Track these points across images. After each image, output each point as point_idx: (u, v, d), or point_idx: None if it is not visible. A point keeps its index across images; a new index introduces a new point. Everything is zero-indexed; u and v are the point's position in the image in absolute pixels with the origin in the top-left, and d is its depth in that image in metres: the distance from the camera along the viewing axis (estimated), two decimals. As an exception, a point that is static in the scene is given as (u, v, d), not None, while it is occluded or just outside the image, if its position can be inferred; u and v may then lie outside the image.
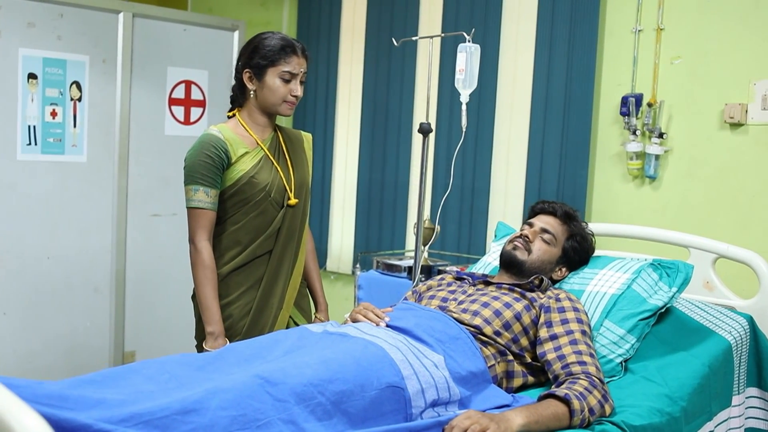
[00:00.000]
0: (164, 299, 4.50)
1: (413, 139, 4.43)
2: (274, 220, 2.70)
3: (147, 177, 4.40)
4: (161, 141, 4.43)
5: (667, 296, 2.44)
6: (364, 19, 4.67)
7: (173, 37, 4.44)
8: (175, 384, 1.76)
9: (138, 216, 4.37)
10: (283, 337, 2.09)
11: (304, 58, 2.68)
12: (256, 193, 2.65)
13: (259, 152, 2.70)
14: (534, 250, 2.53)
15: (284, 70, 2.63)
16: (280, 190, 2.70)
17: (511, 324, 2.29)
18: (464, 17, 4.18)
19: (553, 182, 3.84)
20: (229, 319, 2.71)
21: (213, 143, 2.62)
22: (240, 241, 2.70)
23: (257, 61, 2.65)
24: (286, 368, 1.78)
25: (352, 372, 1.85)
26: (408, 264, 3.76)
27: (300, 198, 2.75)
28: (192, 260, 2.66)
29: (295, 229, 2.77)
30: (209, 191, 2.61)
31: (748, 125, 3.34)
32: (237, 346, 2.03)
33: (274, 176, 2.69)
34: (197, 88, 4.55)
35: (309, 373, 1.79)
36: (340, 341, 2.03)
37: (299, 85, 2.67)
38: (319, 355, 1.89)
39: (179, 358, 1.90)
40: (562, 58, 3.82)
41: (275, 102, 2.66)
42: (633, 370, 2.33)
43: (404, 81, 4.47)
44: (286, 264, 2.76)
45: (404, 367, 1.94)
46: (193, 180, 2.62)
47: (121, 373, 1.76)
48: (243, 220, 2.68)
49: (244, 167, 2.65)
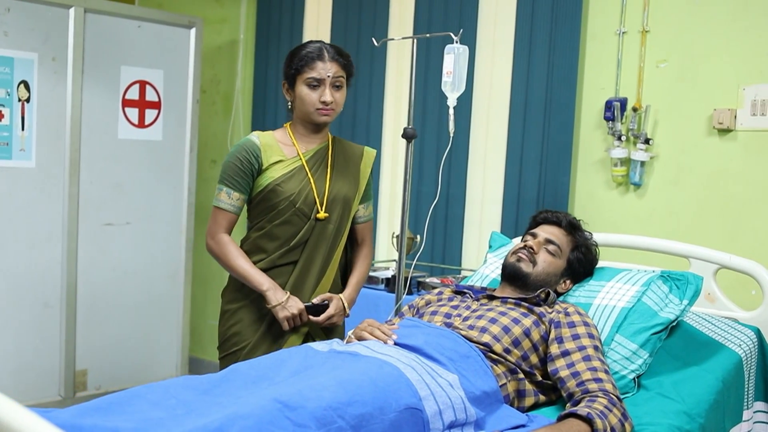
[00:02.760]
0: (118, 315, 4.40)
1: (384, 144, 4.40)
2: (301, 231, 2.74)
3: (99, 184, 4.29)
4: (114, 145, 4.34)
5: (679, 309, 2.45)
6: (329, 18, 4.62)
7: (127, 35, 4.34)
8: (184, 410, 1.72)
9: (90, 226, 4.27)
10: (288, 357, 2.05)
11: (335, 63, 2.71)
12: (280, 201, 2.71)
13: (296, 162, 2.76)
14: (539, 261, 2.51)
15: (309, 76, 2.68)
16: (309, 202, 2.74)
17: (520, 341, 2.28)
18: (437, 17, 4.16)
19: (533, 189, 3.84)
20: (239, 323, 2.78)
21: (247, 147, 2.72)
22: (263, 248, 2.76)
23: (289, 72, 2.75)
24: (303, 391, 1.75)
25: (370, 394, 1.82)
26: (386, 275, 3.72)
27: (333, 212, 2.77)
28: (214, 252, 2.76)
29: (324, 244, 2.78)
30: (232, 193, 2.71)
31: (737, 131, 3.38)
32: (240, 367, 1.99)
33: (303, 187, 2.74)
34: (152, 89, 4.46)
35: (327, 396, 1.75)
36: (351, 361, 2.00)
37: (330, 90, 2.69)
38: (334, 376, 1.86)
39: (183, 382, 1.86)
40: (543, 61, 3.82)
41: (307, 110, 2.72)
42: (646, 387, 2.33)
43: (373, 84, 4.43)
44: (311, 278, 2.79)
45: (421, 388, 1.92)
46: (221, 179, 2.74)
47: (125, 399, 1.71)
48: (267, 228, 2.75)
49: (273, 175, 2.72)
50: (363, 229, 2.96)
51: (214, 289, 5.21)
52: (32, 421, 1.22)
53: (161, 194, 4.54)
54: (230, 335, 2.80)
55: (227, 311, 2.83)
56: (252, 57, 5.04)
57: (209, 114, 5.19)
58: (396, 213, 4.34)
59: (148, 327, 4.56)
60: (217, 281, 5.13)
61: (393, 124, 4.38)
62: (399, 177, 4.34)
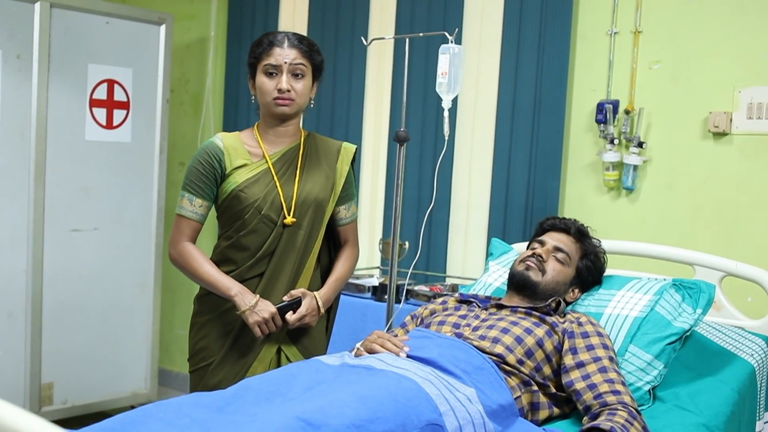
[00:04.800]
0: (86, 325, 4.32)
1: (364, 146, 4.36)
2: (268, 240, 2.62)
3: (66, 187, 4.20)
4: (82, 147, 4.25)
5: (693, 318, 2.45)
6: (306, 14, 4.57)
7: (95, 31, 4.26)
8: (199, 429, 1.69)
9: (56, 232, 4.17)
10: (297, 371, 2.03)
11: (295, 49, 2.60)
12: (245, 208, 2.60)
13: (261, 165, 2.64)
14: (548, 270, 2.50)
15: (266, 63, 2.59)
16: (275, 207, 2.62)
17: (533, 351, 2.26)
18: (421, 14, 4.13)
19: (522, 194, 3.83)
20: (205, 339, 2.68)
21: (209, 151, 2.62)
22: (232, 259, 2.65)
23: (250, 62, 2.67)
24: (325, 408, 1.72)
25: (392, 410, 1.80)
26: (372, 284, 3.69)
27: (303, 217, 2.64)
28: (177, 262, 2.65)
29: (294, 252, 2.65)
30: (194, 200, 2.60)
31: (733, 135, 3.40)
32: (251, 383, 1.95)
33: (269, 191, 2.61)
34: (120, 88, 4.38)
35: (349, 413, 1.73)
36: (367, 375, 1.97)
37: (288, 77, 2.58)
38: (353, 392, 1.84)
39: (195, 399, 1.81)
40: (531, 62, 3.81)
41: (265, 101, 2.61)
42: (662, 398, 2.33)
43: (352, 86, 4.39)
44: (278, 290, 2.64)
45: (440, 403, 1.91)
46: (183, 185, 2.63)
47: (137, 419, 1.67)
48: (234, 237, 2.64)
49: (237, 180, 2.61)
50: (346, 231, 2.82)
51: (182, 298, 5.13)
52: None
53: (130, 198, 4.46)
54: (198, 349, 2.70)
55: (196, 323, 2.72)
56: (223, 55, 4.98)
57: (177, 114, 5.11)
58: (377, 218, 4.31)
59: (117, 338, 4.47)
60: (185, 289, 5.05)
61: (374, 126, 4.34)
62: (380, 180, 4.30)
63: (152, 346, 4.62)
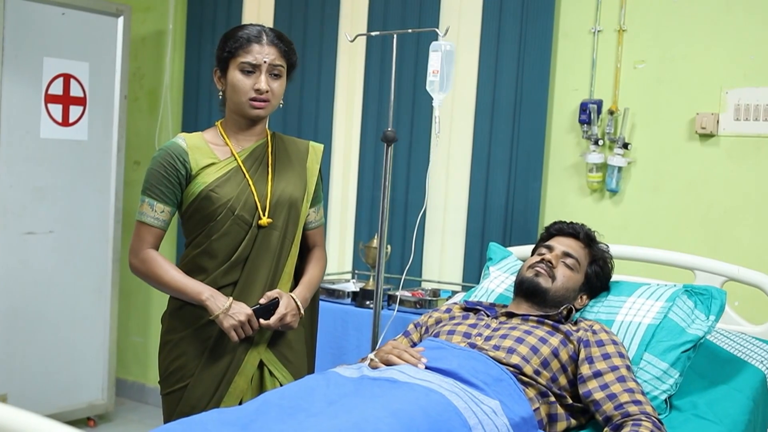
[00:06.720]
0: (41, 334, 4.20)
1: (334, 146, 4.29)
2: (242, 243, 2.51)
3: (20, 188, 4.09)
4: (36, 145, 4.14)
5: (706, 325, 2.45)
6: (271, 9, 4.49)
7: (50, 23, 4.15)
8: None
9: (9, 234, 4.07)
10: (315, 384, 1.99)
11: (275, 48, 2.51)
12: (216, 209, 2.48)
13: (231, 163, 2.53)
14: (558, 276, 2.48)
15: (243, 60, 2.47)
16: (249, 207, 2.51)
17: (549, 361, 2.24)
18: (395, 9, 4.08)
19: (502, 195, 3.81)
20: (182, 357, 2.54)
21: (172, 152, 2.49)
22: (203, 267, 2.52)
23: (221, 55, 2.53)
24: (360, 424, 1.71)
25: (425, 425, 1.79)
26: (351, 289, 3.64)
27: (277, 217, 2.55)
28: (140, 271, 2.53)
29: (269, 255, 2.55)
30: (155, 205, 2.49)
31: (720, 136, 3.43)
32: (270, 398, 1.90)
33: (242, 191, 2.51)
34: (77, 83, 4.26)
35: (385, 429, 1.72)
36: (391, 388, 1.94)
37: (266, 77, 2.48)
38: (383, 406, 1.82)
39: (217, 417, 1.76)
40: (512, 59, 3.80)
41: (239, 100, 2.49)
42: (679, 407, 2.33)
43: (322, 84, 4.33)
44: (253, 296, 2.53)
45: (469, 416, 1.89)
46: (143, 189, 2.52)
47: (164, 440, 1.59)
48: (205, 243, 2.51)
49: (206, 179, 2.49)
50: (314, 235, 2.74)
51: (137, 303, 5.02)
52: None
53: (86, 200, 4.35)
54: (173, 370, 2.56)
55: (169, 342, 2.59)
56: (182, 49, 4.87)
57: (131, 110, 4.98)
58: (349, 221, 4.25)
59: (72, 346, 4.35)
60: (140, 294, 4.94)
61: (344, 126, 4.28)
62: (352, 182, 4.25)
63: (109, 355, 4.51)
